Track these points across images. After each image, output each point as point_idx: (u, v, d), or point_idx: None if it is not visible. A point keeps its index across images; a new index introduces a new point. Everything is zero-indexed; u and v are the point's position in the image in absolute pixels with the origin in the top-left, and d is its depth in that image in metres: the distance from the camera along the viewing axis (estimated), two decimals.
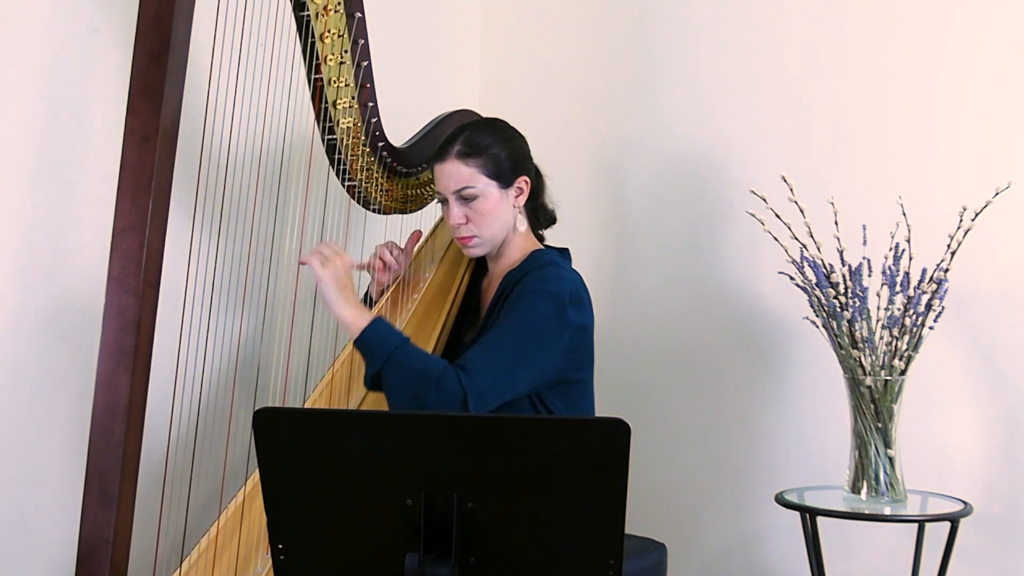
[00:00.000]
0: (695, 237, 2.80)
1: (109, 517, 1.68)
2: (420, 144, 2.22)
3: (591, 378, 2.13)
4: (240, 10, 1.85)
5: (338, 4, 1.93)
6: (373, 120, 2.08)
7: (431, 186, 2.27)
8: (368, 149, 2.12)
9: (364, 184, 2.17)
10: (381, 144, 2.13)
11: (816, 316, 2.26)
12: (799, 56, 2.66)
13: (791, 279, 2.29)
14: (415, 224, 2.41)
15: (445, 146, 2.09)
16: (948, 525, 2.15)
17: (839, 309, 2.18)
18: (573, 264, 2.19)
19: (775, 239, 2.28)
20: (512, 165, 2.09)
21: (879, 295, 2.22)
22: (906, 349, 2.17)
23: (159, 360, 1.76)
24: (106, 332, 1.70)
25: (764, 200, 2.29)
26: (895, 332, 2.17)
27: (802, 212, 2.25)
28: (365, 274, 2.31)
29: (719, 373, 2.76)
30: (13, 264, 2.00)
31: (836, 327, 2.20)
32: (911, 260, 2.20)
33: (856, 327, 2.17)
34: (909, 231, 2.22)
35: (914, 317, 2.16)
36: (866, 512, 2.15)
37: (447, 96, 3.00)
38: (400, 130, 2.21)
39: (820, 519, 2.24)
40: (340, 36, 1.96)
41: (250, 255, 2.17)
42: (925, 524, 2.23)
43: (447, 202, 2.10)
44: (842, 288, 2.19)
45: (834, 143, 2.59)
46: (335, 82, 2.00)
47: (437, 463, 1.37)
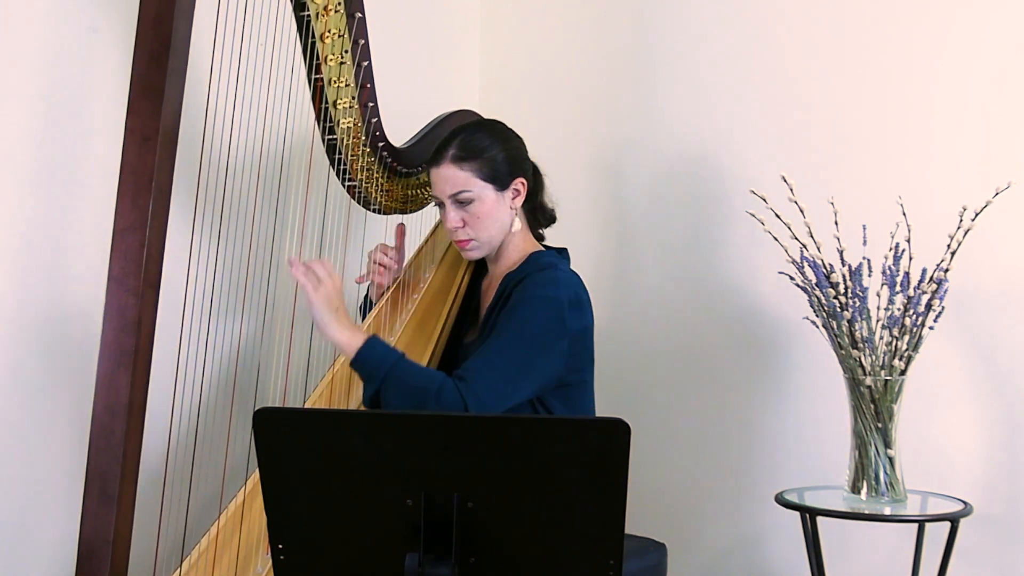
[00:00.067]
0: (695, 237, 2.80)
1: (109, 517, 1.68)
2: (420, 144, 2.22)
3: (591, 379, 2.13)
4: (240, 10, 1.85)
5: (338, 4, 1.93)
6: (373, 120, 2.08)
7: (431, 186, 2.27)
8: (368, 149, 2.12)
9: (364, 184, 2.17)
10: (381, 144, 2.13)
11: (816, 316, 2.26)
12: (799, 56, 2.66)
13: (791, 279, 2.29)
14: (415, 224, 2.41)
15: (440, 150, 2.08)
16: (948, 525, 2.15)
17: (839, 309, 2.18)
18: (573, 264, 2.19)
19: (775, 239, 2.28)
20: (508, 167, 2.08)
21: (879, 295, 2.22)
22: (906, 349, 2.17)
23: (159, 360, 1.76)
24: (106, 332, 1.70)
25: (764, 200, 2.29)
26: (895, 332, 2.17)
27: (802, 212, 2.25)
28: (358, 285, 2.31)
29: (719, 373, 2.76)
30: (13, 264, 2.00)
31: (836, 327, 2.20)
32: (911, 260, 2.20)
33: (856, 327, 2.17)
34: (909, 231, 2.22)
35: (914, 317, 2.16)
36: (866, 512, 2.15)
37: (447, 96, 3.00)
38: (400, 130, 2.21)
39: (820, 519, 2.24)
40: (340, 36, 1.96)
41: (250, 255, 2.17)
42: (925, 524, 2.23)
43: (443, 206, 2.10)
44: (842, 288, 2.19)
45: (834, 143, 2.59)
46: (335, 82, 2.00)
47: (437, 463, 1.37)
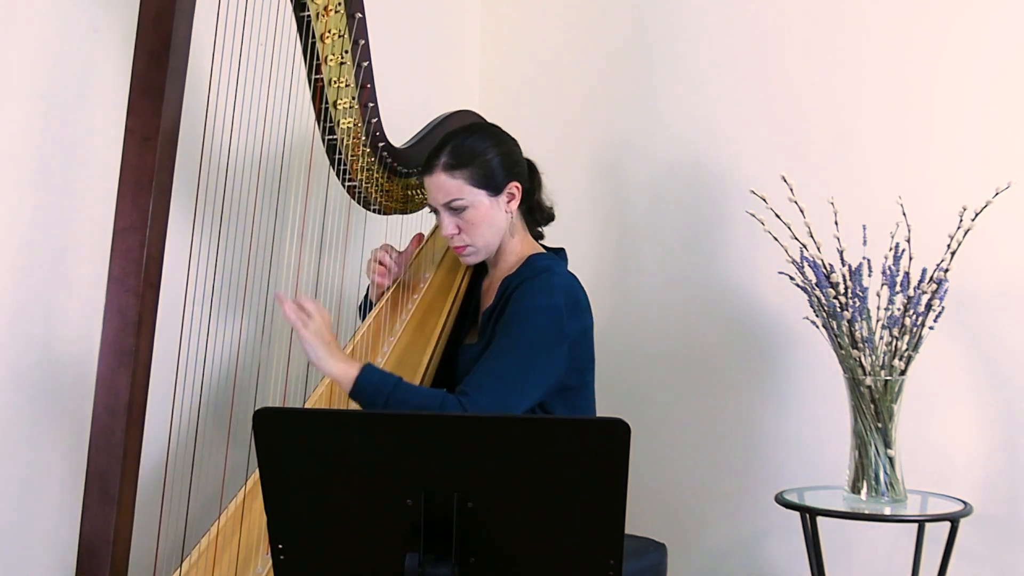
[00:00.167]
0: (695, 237, 2.80)
1: (109, 517, 1.68)
2: (420, 144, 2.22)
3: (592, 380, 2.12)
4: (241, 10, 1.85)
5: (338, 4, 1.93)
6: (373, 120, 2.08)
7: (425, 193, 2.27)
8: (368, 149, 2.12)
9: (364, 184, 2.17)
10: (381, 144, 2.13)
11: (816, 316, 2.26)
12: (799, 56, 2.66)
13: (791, 279, 2.29)
14: (415, 224, 2.41)
15: (432, 158, 2.07)
16: (948, 525, 2.15)
17: (839, 309, 2.18)
18: (572, 264, 2.19)
19: (775, 239, 2.28)
20: (501, 172, 2.07)
21: (879, 295, 2.22)
22: (906, 349, 2.17)
23: (159, 360, 1.76)
24: (106, 332, 1.70)
25: (764, 200, 2.29)
26: (895, 332, 2.17)
27: (802, 212, 2.25)
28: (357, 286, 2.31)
29: (719, 373, 2.76)
30: (13, 264, 2.00)
31: (836, 327, 2.20)
32: (911, 260, 2.20)
33: (856, 327, 2.17)
34: (909, 231, 2.23)
35: (914, 317, 2.16)
36: (866, 512, 2.15)
37: (447, 96, 3.00)
38: (400, 130, 2.21)
39: (820, 519, 2.24)
40: (340, 36, 1.96)
41: (251, 255, 2.17)
42: (925, 524, 2.23)
43: (439, 213, 2.09)
44: (842, 288, 2.19)
45: (834, 143, 2.59)
46: (335, 82, 2.00)
47: (437, 463, 1.37)
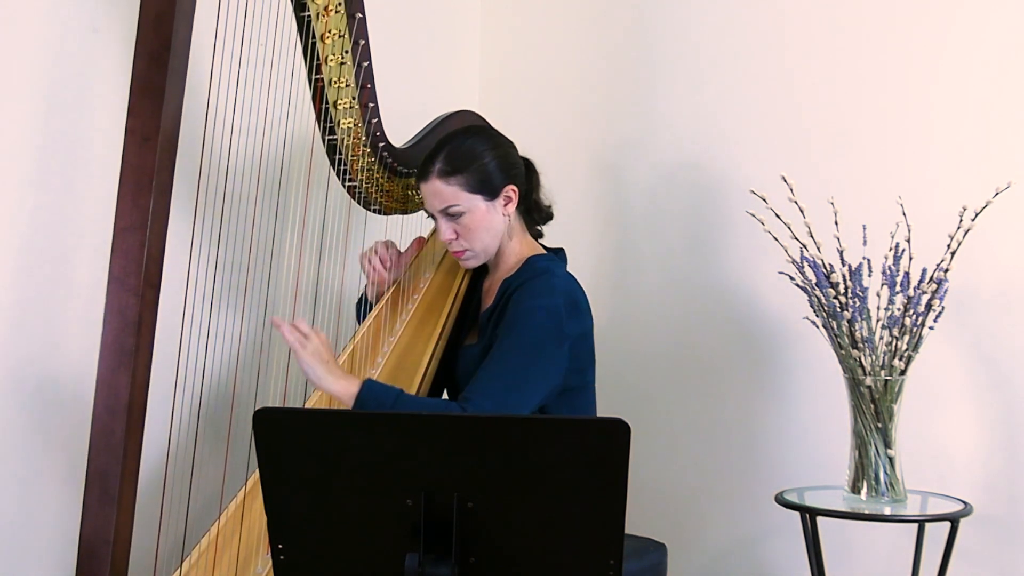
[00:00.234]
0: (695, 237, 2.80)
1: (109, 517, 1.68)
2: (421, 144, 2.22)
3: (593, 381, 2.12)
4: (241, 10, 1.85)
5: (339, 5, 1.93)
6: (374, 120, 2.08)
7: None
8: (368, 149, 2.12)
9: (365, 184, 2.17)
10: (382, 144, 2.13)
11: (816, 316, 2.26)
12: (799, 56, 2.66)
13: (791, 279, 2.29)
14: (415, 224, 2.41)
15: (426, 164, 2.06)
16: (948, 525, 2.15)
17: (839, 309, 2.18)
18: (572, 264, 2.19)
19: (775, 239, 2.28)
20: (497, 176, 2.06)
21: (879, 295, 2.22)
22: (906, 349, 2.17)
23: (159, 360, 1.76)
24: (106, 332, 1.70)
25: (764, 200, 2.29)
26: (895, 332, 2.17)
27: (802, 212, 2.25)
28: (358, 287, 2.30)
29: (719, 373, 2.76)
30: (13, 264, 2.00)
31: (836, 327, 2.20)
32: (911, 260, 2.20)
33: (856, 327, 2.17)
34: (909, 231, 2.23)
35: (914, 317, 2.16)
36: (866, 512, 2.15)
37: (447, 96, 3.00)
38: (400, 130, 2.21)
39: (820, 519, 2.24)
40: (341, 37, 1.96)
41: (251, 255, 2.17)
42: (925, 524, 2.23)
43: (436, 218, 2.09)
44: (842, 288, 2.19)
45: (834, 143, 2.59)
46: (336, 83, 2.00)
47: (437, 463, 1.37)
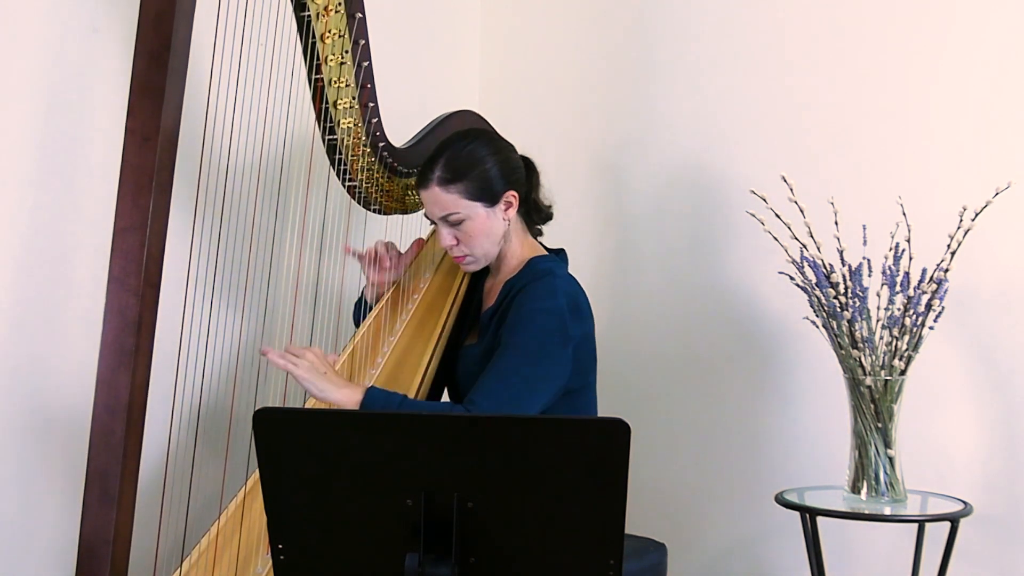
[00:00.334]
0: (695, 237, 2.80)
1: (109, 517, 1.68)
2: (420, 144, 2.22)
3: (594, 382, 2.12)
4: (241, 10, 1.85)
5: (339, 4, 1.93)
6: (374, 120, 2.08)
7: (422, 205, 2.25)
8: (368, 149, 2.12)
9: (365, 184, 2.17)
10: (382, 144, 2.13)
11: (816, 316, 2.26)
12: (799, 56, 2.66)
13: (791, 279, 2.29)
14: (415, 224, 2.41)
15: (426, 171, 2.05)
16: (948, 525, 2.15)
17: (839, 309, 2.18)
18: (573, 264, 2.19)
19: (775, 239, 2.28)
20: (497, 183, 2.05)
21: (879, 295, 2.22)
22: (906, 349, 2.17)
23: (159, 360, 1.76)
24: (106, 332, 1.70)
25: (764, 200, 2.29)
26: (895, 332, 2.17)
27: (802, 212, 2.25)
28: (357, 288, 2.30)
29: (719, 373, 2.76)
30: (13, 264, 2.00)
31: (836, 327, 2.20)
32: (911, 260, 2.20)
33: (856, 327, 2.17)
34: (909, 231, 2.22)
35: (914, 317, 2.16)
36: (866, 512, 2.15)
37: (447, 96, 3.00)
38: (400, 130, 2.21)
39: (820, 519, 2.24)
40: (341, 36, 1.96)
41: (251, 255, 2.17)
42: (925, 524, 2.23)
43: (436, 224, 2.09)
44: (842, 288, 2.19)
45: (834, 143, 2.59)
46: (336, 82, 2.00)
47: (437, 463, 1.37)
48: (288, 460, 1.40)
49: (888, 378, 2.17)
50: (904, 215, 2.24)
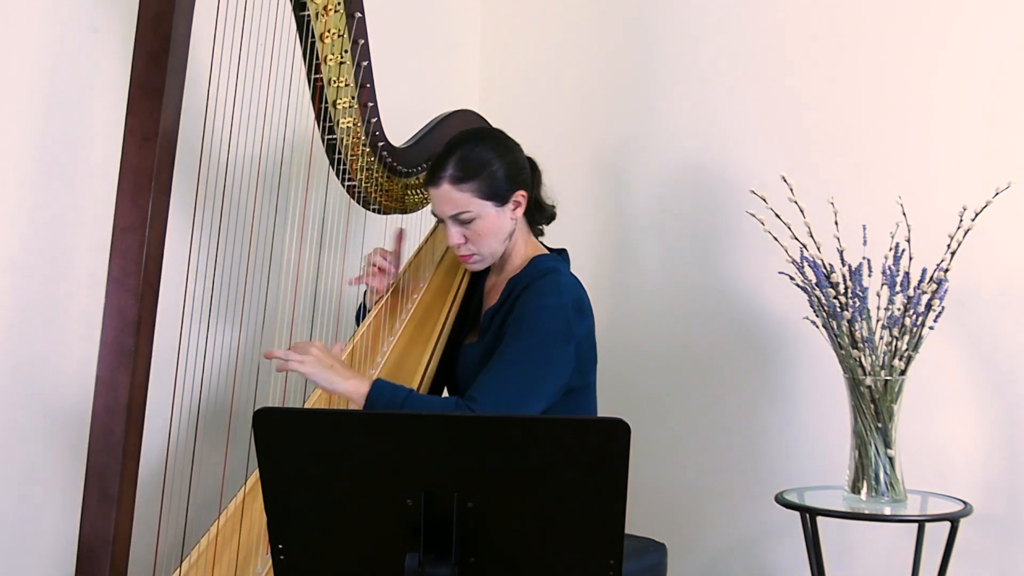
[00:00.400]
0: (695, 237, 2.80)
1: (109, 517, 1.68)
2: (420, 144, 2.22)
3: (594, 382, 2.13)
4: (240, 10, 1.85)
5: (338, 4, 1.93)
6: (373, 120, 2.08)
7: (431, 203, 2.25)
8: (368, 149, 2.12)
9: (364, 184, 2.17)
10: (381, 144, 2.12)
11: (816, 316, 2.26)
12: (799, 56, 2.66)
13: (791, 279, 2.29)
14: (415, 223, 2.41)
15: (437, 169, 2.05)
16: (948, 525, 2.15)
17: (839, 309, 2.18)
18: (573, 264, 2.19)
19: (775, 239, 2.28)
20: (508, 182, 2.06)
21: (879, 295, 2.22)
22: (906, 349, 2.17)
23: (159, 360, 1.76)
24: (106, 332, 1.70)
25: (764, 200, 2.29)
26: (895, 332, 2.17)
27: (802, 212, 2.25)
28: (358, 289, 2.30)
29: (719, 373, 2.75)
30: (13, 264, 2.00)
31: (836, 327, 2.20)
32: (911, 260, 2.20)
33: (856, 327, 2.17)
34: (909, 231, 2.22)
35: (914, 317, 2.16)
36: (866, 512, 2.15)
37: (447, 96, 3.00)
38: (400, 130, 2.21)
39: (820, 519, 2.24)
40: (340, 36, 1.96)
41: (250, 255, 2.16)
42: (925, 524, 2.23)
43: (444, 221, 2.09)
44: (842, 288, 2.19)
45: (834, 143, 2.59)
46: (335, 82, 2.00)
47: (437, 463, 1.37)
48: (288, 460, 1.40)
49: (888, 378, 2.17)
50: (904, 215, 2.24)
